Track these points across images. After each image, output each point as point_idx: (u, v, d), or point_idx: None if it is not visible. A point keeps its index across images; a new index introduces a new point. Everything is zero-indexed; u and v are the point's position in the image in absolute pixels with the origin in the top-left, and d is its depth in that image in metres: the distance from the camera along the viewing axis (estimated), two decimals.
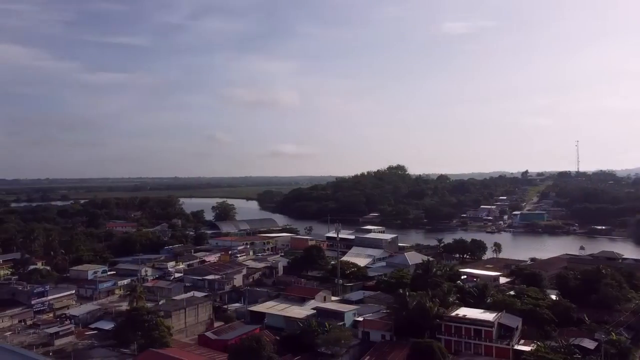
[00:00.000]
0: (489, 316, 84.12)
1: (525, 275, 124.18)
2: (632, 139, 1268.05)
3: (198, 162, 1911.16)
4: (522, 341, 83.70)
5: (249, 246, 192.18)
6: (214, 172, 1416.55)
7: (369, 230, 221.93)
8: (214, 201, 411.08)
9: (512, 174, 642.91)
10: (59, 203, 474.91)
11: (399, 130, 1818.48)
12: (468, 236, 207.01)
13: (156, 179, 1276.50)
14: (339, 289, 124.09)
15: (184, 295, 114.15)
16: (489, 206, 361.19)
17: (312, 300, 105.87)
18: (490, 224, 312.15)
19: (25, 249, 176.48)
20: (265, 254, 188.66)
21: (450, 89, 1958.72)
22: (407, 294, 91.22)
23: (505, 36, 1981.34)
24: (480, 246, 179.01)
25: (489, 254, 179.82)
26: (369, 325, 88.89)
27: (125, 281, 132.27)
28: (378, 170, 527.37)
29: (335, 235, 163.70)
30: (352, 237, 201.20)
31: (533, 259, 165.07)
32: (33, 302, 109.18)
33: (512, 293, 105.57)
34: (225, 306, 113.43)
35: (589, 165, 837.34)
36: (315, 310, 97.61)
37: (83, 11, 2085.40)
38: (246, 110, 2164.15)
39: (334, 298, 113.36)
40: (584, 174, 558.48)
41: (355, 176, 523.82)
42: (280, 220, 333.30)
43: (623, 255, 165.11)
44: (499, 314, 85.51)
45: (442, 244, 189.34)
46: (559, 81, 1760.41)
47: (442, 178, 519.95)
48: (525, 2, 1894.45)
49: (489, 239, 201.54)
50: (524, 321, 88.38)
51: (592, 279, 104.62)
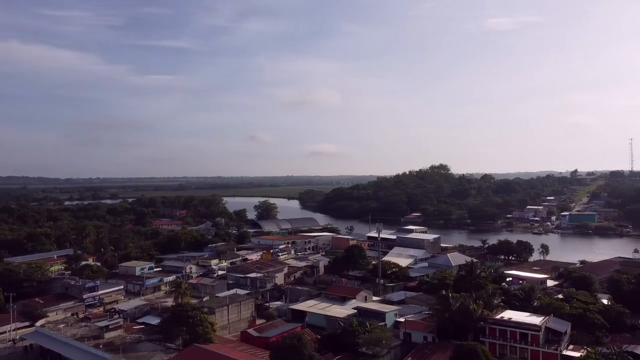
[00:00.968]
0: (536, 320, 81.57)
1: (575, 278, 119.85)
2: None
3: (241, 162, 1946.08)
4: (571, 347, 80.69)
5: (290, 245, 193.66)
6: (256, 172, 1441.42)
7: (411, 230, 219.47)
8: (256, 200, 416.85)
9: (561, 173, 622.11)
10: (109, 201, 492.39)
11: (441, 129, 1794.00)
12: (513, 237, 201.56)
13: (200, 179, 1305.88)
14: (380, 289, 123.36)
15: (227, 293, 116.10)
16: (536, 206, 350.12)
17: (353, 300, 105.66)
18: (537, 224, 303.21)
19: (78, 246, 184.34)
20: (306, 253, 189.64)
21: (494, 86, 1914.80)
22: (450, 295, 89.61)
23: (549, 31, 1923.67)
24: (526, 248, 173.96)
25: (535, 256, 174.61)
26: (411, 326, 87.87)
27: (171, 278, 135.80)
28: (420, 170, 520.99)
29: (376, 235, 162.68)
30: (394, 237, 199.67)
31: (583, 262, 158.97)
32: (85, 297, 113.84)
33: (560, 296, 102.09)
34: (267, 304, 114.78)
35: None
36: (356, 310, 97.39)
37: (131, 16, 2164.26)
38: (287, 110, 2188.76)
39: (375, 298, 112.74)
40: (639, 174, 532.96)
41: (397, 175, 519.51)
42: (321, 219, 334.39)
43: None
44: (546, 317, 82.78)
45: (487, 245, 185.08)
46: (605, 77, 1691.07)
47: (487, 177, 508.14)
48: None
49: (535, 241, 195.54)
50: (573, 326, 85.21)
51: None
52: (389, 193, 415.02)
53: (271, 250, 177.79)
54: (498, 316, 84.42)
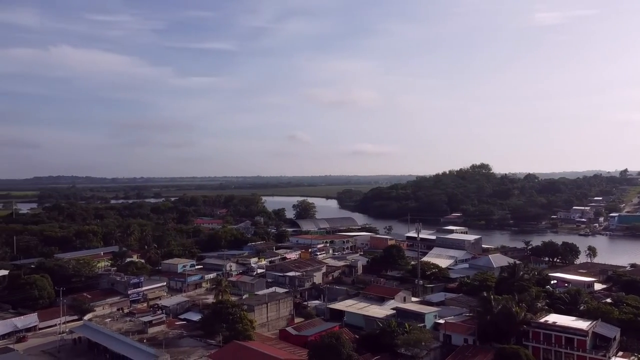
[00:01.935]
0: (583, 324, 78.72)
1: (624, 282, 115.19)
2: None
3: (280, 162, 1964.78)
4: (620, 353, 77.56)
5: (328, 244, 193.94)
6: (295, 171, 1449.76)
7: (451, 231, 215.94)
8: (295, 200, 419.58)
9: (609, 172, 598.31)
10: (152, 200, 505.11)
11: (482, 127, 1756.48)
12: (559, 239, 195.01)
13: (240, 178, 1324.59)
14: (420, 290, 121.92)
15: (266, 291, 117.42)
16: (583, 207, 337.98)
17: (392, 300, 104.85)
18: (583, 226, 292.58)
19: (123, 243, 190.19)
20: (344, 252, 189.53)
21: (539, 83, 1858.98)
22: (492, 297, 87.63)
23: (600, 25, 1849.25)
24: (572, 250, 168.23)
25: (582, 258, 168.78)
26: (451, 328, 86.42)
27: (211, 275, 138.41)
28: (460, 169, 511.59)
29: (415, 235, 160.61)
30: (433, 238, 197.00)
31: (633, 265, 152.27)
32: (129, 292, 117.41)
33: (609, 301, 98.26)
34: (306, 303, 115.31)
35: None
36: (395, 311, 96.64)
37: (174, 19, 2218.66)
38: (326, 110, 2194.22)
39: (414, 299, 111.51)
40: None
41: (437, 175, 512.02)
42: (360, 219, 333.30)
43: None
44: (594, 322, 79.75)
45: (530, 247, 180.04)
46: None
47: (530, 177, 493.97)
48: None
49: (582, 242, 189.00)
50: (623, 332, 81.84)
51: None
52: (428, 193, 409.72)
53: (309, 250, 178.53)
54: (542, 320, 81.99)
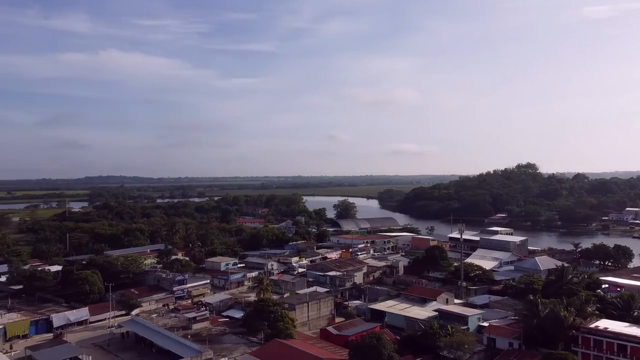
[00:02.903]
0: (637, 331, 75.15)
1: None
2: None
3: (320, 162, 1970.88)
4: None
5: (369, 244, 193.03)
6: (335, 171, 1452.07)
7: (496, 232, 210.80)
8: (336, 199, 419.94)
9: None
10: (196, 200, 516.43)
11: (529, 125, 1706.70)
12: (610, 241, 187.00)
13: (281, 178, 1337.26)
14: (463, 292, 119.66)
15: (306, 290, 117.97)
16: (637, 208, 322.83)
17: (434, 302, 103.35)
18: (638, 228, 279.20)
19: (168, 241, 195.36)
20: (385, 252, 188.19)
21: (589, 79, 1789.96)
22: (539, 300, 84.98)
23: None
24: (625, 253, 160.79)
25: (635, 262, 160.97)
26: (496, 331, 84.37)
27: (253, 274, 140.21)
28: (505, 169, 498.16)
29: (458, 236, 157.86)
30: (477, 239, 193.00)
31: None
32: (174, 289, 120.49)
33: None
34: (346, 302, 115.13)
35: None
36: (437, 312, 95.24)
37: (217, 22, 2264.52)
38: (367, 109, 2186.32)
39: (456, 301, 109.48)
40: None
41: (481, 175, 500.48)
42: (401, 219, 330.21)
43: None
44: None
45: (579, 249, 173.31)
46: None
47: (579, 177, 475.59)
48: None
49: (636, 245, 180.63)
50: None
51: None
52: (472, 193, 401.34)
53: (350, 249, 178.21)
54: (592, 325, 78.77)
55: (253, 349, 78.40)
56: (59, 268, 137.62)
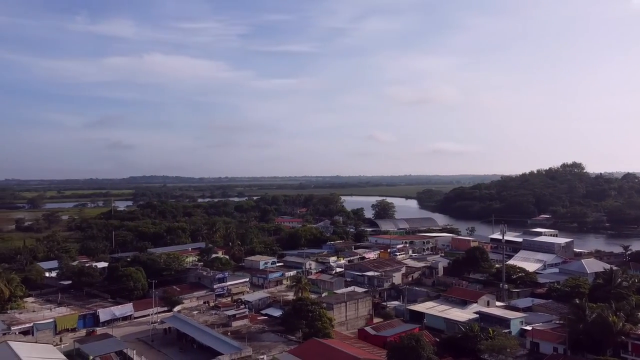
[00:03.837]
0: None
1: None
2: None
3: (358, 161, 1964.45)
4: None
5: (408, 245, 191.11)
6: (373, 171, 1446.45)
7: (539, 233, 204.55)
8: (374, 199, 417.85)
9: None
10: (236, 199, 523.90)
11: (573, 124, 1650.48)
12: None
13: (319, 178, 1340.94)
14: (504, 294, 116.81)
15: (344, 290, 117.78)
16: None
17: (475, 304, 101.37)
18: None
19: (209, 239, 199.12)
20: (424, 253, 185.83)
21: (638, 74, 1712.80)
22: (586, 304, 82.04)
23: None
24: None
25: None
26: (539, 335, 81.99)
27: (292, 273, 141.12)
28: (550, 169, 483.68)
29: (500, 237, 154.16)
30: (520, 240, 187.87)
31: None
32: (215, 287, 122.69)
33: None
34: (385, 303, 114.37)
35: None
36: (477, 315, 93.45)
37: (256, 24, 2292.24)
38: (406, 109, 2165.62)
39: (498, 303, 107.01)
40: None
41: (523, 175, 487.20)
42: (440, 219, 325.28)
43: None
44: None
45: (629, 252, 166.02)
46: None
47: (629, 177, 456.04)
48: None
49: None
50: None
51: None
52: (514, 193, 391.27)
53: (389, 250, 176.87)
54: None
55: (291, 348, 78.88)
56: (105, 265, 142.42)
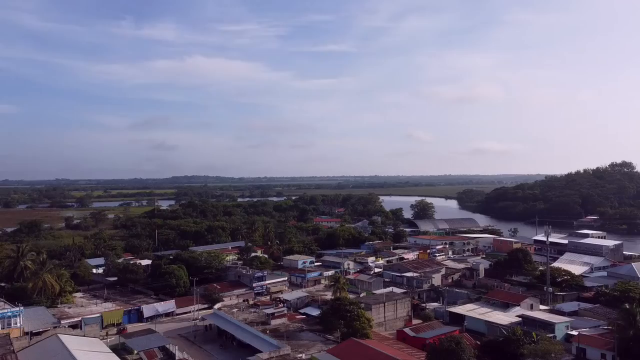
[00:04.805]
0: None
1: None
2: None
3: (397, 161, 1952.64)
4: None
5: (447, 246, 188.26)
6: (413, 171, 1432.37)
7: (586, 235, 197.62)
8: (413, 199, 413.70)
9: None
10: (275, 199, 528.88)
11: (623, 122, 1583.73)
12: None
13: (357, 178, 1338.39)
14: (549, 298, 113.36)
15: (383, 290, 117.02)
16: None
17: (517, 307, 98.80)
18: None
19: (248, 238, 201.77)
20: (465, 254, 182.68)
21: None
22: (637, 310, 78.58)
23: None
24: None
25: None
26: (586, 341, 79.10)
27: (330, 272, 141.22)
28: (597, 168, 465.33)
29: (544, 238, 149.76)
30: (565, 242, 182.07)
31: None
32: (254, 285, 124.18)
33: None
34: (424, 304, 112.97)
35: None
36: (520, 318, 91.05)
37: (295, 25, 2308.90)
38: (446, 108, 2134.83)
39: (542, 307, 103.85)
40: None
41: (569, 174, 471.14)
42: (482, 220, 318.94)
43: None
44: None
45: None
46: None
47: None
48: None
49: None
50: None
51: None
52: (559, 193, 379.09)
53: (428, 250, 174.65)
54: None
55: (329, 347, 78.97)
56: (148, 262, 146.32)
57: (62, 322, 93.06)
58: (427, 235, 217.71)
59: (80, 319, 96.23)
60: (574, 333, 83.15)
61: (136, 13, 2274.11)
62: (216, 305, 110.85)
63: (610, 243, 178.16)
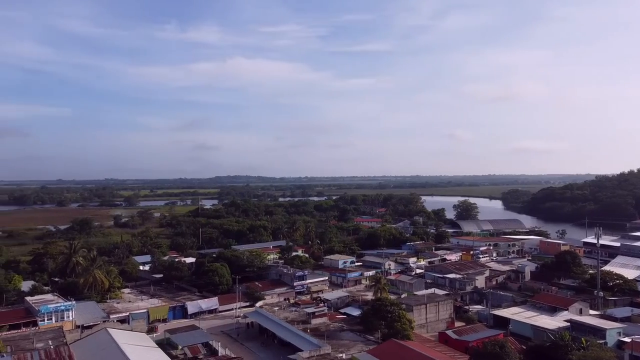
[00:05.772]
0: None
1: None
2: None
3: (439, 161, 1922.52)
4: None
5: (492, 247, 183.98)
6: (454, 171, 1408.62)
7: None
8: (455, 200, 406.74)
9: None
10: (315, 198, 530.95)
11: None
12: None
13: (398, 177, 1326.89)
14: (599, 302, 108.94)
15: (424, 291, 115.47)
16: None
17: (565, 312, 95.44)
18: None
19: (289, 238, 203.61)
20: (510, 256, 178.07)
21: None
22: None
23: None
24: None
25: None
26: None
27: (370, 272, 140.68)
28: None
29: (594, 240, 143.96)
30: (617, 245, 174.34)
31: None
32: (295, 284, 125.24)
33: None
34: (467, 307, 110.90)
35: None
36: (568, 323, 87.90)
37: (335, 25, 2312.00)
38: (488, 106, 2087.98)
39: (592, 312, 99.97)
40: None
41: (621, 174, 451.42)
42: (527, 221, 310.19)
43: None
44: None
45: None
46: None
47: None
48: None
49: None
50: None
51: None
52: (611, 194, 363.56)
53: (471, 252, 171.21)
54: None
55: (370, 348, 78.55)
56: (192, 260, 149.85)
57: (111, 317, 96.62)
58: (471, 237, 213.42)
59: (127, 314, 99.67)
60: (627, 340, 79.55)
61: (180, 17, 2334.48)
62: (258, 303, 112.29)
63: None
